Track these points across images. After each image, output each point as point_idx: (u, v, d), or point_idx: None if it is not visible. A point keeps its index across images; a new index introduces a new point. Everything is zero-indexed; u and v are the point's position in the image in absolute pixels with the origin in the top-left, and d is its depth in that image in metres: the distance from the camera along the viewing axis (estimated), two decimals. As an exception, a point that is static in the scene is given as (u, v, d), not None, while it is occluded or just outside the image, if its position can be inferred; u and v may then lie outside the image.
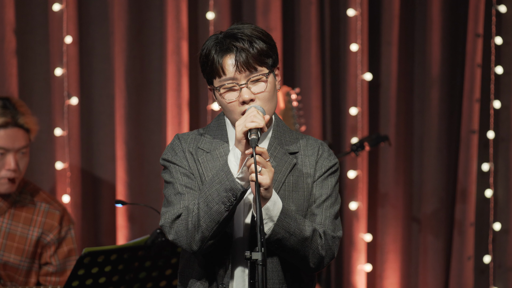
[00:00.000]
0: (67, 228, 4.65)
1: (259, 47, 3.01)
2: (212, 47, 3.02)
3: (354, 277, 5.84)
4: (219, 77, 3.01)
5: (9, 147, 4.46)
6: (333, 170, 3.14)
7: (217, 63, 3.00)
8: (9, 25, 5.49)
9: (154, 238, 4.08)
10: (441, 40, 5.86)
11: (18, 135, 4.49)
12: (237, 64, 2.99)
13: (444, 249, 5.96)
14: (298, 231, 2.97)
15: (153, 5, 5.68)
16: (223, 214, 2.94)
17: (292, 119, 5.39)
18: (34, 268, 4.59)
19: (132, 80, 5.62)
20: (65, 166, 5.56)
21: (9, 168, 4.47)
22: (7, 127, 4.46)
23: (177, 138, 3.14)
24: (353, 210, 5.83)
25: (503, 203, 5.98)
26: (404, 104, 5.95)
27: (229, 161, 2.96)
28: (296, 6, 5.83)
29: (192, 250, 2.99)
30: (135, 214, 5.61)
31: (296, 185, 3.08)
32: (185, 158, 3.08)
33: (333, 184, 3.12)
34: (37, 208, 4.60)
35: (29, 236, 4.56)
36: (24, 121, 4.51)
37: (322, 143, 3.17)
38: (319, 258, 3.03)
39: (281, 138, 3.13)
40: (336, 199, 3.12)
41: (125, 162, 5.59)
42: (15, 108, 4.51)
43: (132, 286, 4.13)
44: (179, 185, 3.06)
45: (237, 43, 2.99)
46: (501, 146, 5.99)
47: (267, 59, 3.04)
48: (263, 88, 3.03)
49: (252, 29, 3.03)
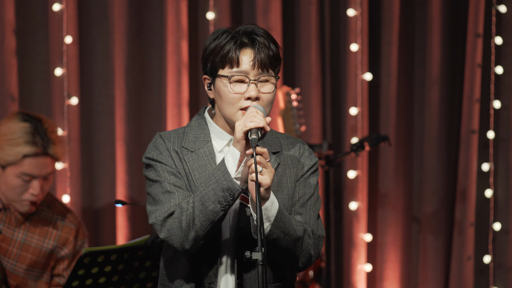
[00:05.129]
0: (81, 242, 4.64)
1: (274, 50, 3.03)
2: (227, 39, 3.01)
3: (354, 277, 5.84)
4: (231, 67, 3.00)
5: (36, 174, 4.43)
6: (315, 169, 3.15)
7: (233, 53, 2.99)
8: (9, 25, 5.49)
9: (154, 238, 4.08)
10: (441, 40, 5.87)
11: (46, 163, 4.44)
12: (255, 60, 2.99)
13: (444, 249, 5.96)
14: (292, 231, 2.98)
15: (153, 5, 5.68)
16: (219, 214, 2.94)
17: (292, 119, 5.39)
18: (44, 279, 4.59)
19: (132, 80, 5.62)
20: (65, 166, 5.56)
21: (33, 192, 4.45)
22: (37, 156, 4.43)
23: (159, 137, 3.13)
24: (353, 210, 5.83)
25: (503, 203, 5.99)
26: (404, 104, 5.95)
27: (227, 161, 2.95)
28: (296, 6, 5.84)
29: (184, 248, 2.98)
30: (135, 214, 5.61)
31: (280, 184, 3.09)
32: (171, 157, 3.08)
33: (315, 183, 3.14)
34: (53, 221, 4.59)
35: (43, 248, 4.56)
36: (54, 152, 4.45)
37: (302, 142, 3.18)
38: (308, 257, 3.05)
39: (263, 139, 3.13)
40: (317, 198, 3.14)
41: (125, 162, 5.59)
42: (46, 134, 4.43)
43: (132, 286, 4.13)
44: (167, 183, 3.04)
45: (257, 38, 3.00)
46: (501, 146, 5.99)
47: (278, 65, 3.06)
48: (270, 90, 3.03)
49: (265, 32, 3.05)
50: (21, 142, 4.39)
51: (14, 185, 4.44)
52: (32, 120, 4.46)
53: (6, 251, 4.53)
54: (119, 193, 5.59)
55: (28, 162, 4.40)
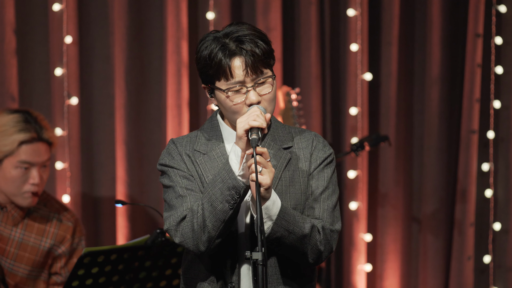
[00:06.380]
0: (78, 239, 4.65)
1: (263, 48, 3.02)
2: (216, 49, 3.00)
3: (354, 277, 5.84)
4: (226, 80, 3.01)
5: (34, 161, 4.47)
6: (329, 160, 3.13)
7: (225, 66, 2.99)
8: (9, 25, 5.49)
9: (154, 238, 4.08)
10: (441, 40, 5.86)
11: (42, 150, 4.49)
12: (246, 68, 2.99)
13: (444, 249, 5.96)
14: (297, 229, 2.98)
15: (153, 5, 5.68)
16: (228, 213, 2.95)
17: (292, 119, 5.39)
18: (43, 278, 4.59)
19: (132, 80, 5.62)
20: (65, 166, 5.56)
21: (33, 182, 4.47)
22: (32, 142, 4.46)
23: (172, 143, 3.14)
24: (353, 210, 5.83)
25: (503, 203, 5.98)
26: (404, 104, 5.95)
27: (230, 159, 2.96)
28: (296, 6, 5.83)
29: (199, 251, 2.99)
30: (135, 214, 5.61)
31: (292, 179, 3.08)
32: (183, 161, 3.09)
33: (329, 175, 3.12)
34: (50, 219, 4.60)
35: (41, 247, 4.57)
36: (48, 136, 4.51)
37: (316, 134, 3.17)
38: (318, 253, 3.04)
39: (274, 134, 3.13)
40: (333, 190, 3.11)
41: (125, 162, 5.59)
42: (37, 122, 4.50)
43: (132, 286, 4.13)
44: (179, 188, 3.06)
45: (244, 45, 3.00)
46: (501, 146, 5.99)
47: (271, 60, 3.05)
48: (269, 90, 3.04)
49: (252, 30, 3.03)
50: (14, 131, 4.44)
51: (14, 177, 4.45)
52: (20, 111, 4.54)
53: (3, 250, 4.53)
54: (119, 193, 5.59)
55: (24, 150, 4.44)
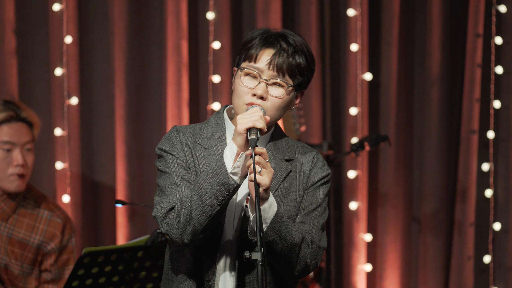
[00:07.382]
0: (68, 236, 4.65)
1: (299, 61, 3.03)
2: (257, 36, 3.05)
3: (354, 277, 5.84)
4: (250, 61, 3.03)
5: (15, 141, 4.49)
6: (325, 180, 3.15)
7: (254, 50, 3.03)
8: (9, 25, 5.49)
9: (154, 238, 4.08)
10: (441, 40, 5.87)
11: (22, 129, 4.53)
12: (271, 61, 3.01)
13: (444, 249, 5.96)
14: (288, 236, 2.97)
15: (153, 5, 5.68)
16: (215, 208, 2.94)
17: (292, 119, 5.40)
18: (34, 275, 4.59)
19: (132, 80, 5.62)
20: (65, 166, 5.56)
21: (17, 163, 4.49)
22: (10, 121, 4.50)
23: (175, 130, 3.13)
24: (353, 210, 5.83)
25: (503, 203, 5.99)
26: (404, 104, 5.95)
27: (225, 155, 2.96)
28: (296, 6, 5.84)
29: (183, 242, 2.99)
30: (135, 214, 5.62)
31: (288, 192, 3.08)
32: (183, 151, 3.08)
33: (324, 194, 3.13)
34: (39, 215, 4.60)
35: (29, 243, 4.57)
36: (27, 115, 4.56)
37: (317, 153, 3.18)
38: (304, 266, 3.04)
39: (278, 144, 3.13)
40: (324, 210, 3.13)
41: (125, 162, 5.59)
42: (15, 105, 4.56)
43: (132, 286, 4.13)
44: (175, 176, 3.05)
45: (282, 43, 3.02)
46: (501, 146, 5.99)
47: (299, 77, 3.05)
48: (279, 95, 3.04)
49: (303, 43, 3.06)
50: None
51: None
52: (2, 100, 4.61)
53: None
54: (119, 193, 5.59)
55: (5, 130, 4.50)
